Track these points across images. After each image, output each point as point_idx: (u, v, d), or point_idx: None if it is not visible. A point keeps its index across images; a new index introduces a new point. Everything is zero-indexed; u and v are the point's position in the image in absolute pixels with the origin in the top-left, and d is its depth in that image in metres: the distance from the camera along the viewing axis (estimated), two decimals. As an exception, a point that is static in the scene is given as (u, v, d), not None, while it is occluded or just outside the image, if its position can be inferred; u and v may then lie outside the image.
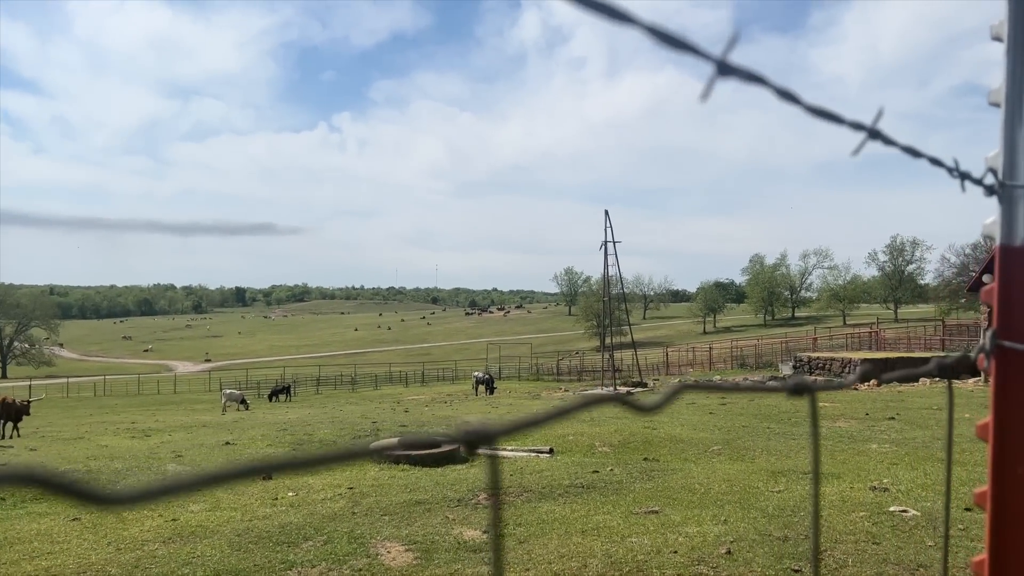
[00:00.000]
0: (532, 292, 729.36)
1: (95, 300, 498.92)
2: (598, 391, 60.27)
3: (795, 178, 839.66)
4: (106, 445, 29.67)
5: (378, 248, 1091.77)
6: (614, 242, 70.74)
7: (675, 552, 12.34)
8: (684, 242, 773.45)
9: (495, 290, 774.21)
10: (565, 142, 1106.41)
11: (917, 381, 45.01)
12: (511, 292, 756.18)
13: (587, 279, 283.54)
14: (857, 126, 3.10)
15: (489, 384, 67.80)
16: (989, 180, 3.41)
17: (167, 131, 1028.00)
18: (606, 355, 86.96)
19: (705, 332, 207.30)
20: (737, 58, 2.40)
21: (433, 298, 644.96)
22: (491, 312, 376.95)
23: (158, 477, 22.15)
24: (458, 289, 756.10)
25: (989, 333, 3.38)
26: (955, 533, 12.21)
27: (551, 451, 23.60)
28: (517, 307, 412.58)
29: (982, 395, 36.69)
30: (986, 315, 13.33)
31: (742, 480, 17.19)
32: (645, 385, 67.60)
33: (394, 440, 4.71)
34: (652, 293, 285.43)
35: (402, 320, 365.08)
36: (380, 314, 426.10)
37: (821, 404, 35.10)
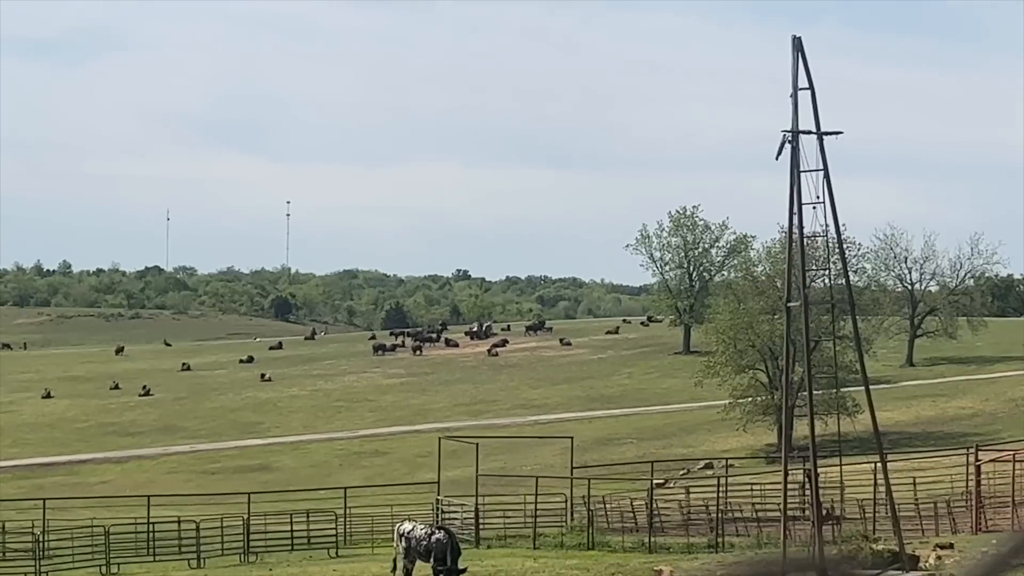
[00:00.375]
0: (566, 287, 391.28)
1: None
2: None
3: None
4: None
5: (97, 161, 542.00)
6: (820, 133, 31.83)
7: None
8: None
9: (461, 277, 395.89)
10: None
11: None
12: (506, 285, 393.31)
13: (731, 247, 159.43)
14: None
15: (439, 557, 34.93)
16: None
17: None
18: (802, 469, 48.73)
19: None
20: None
21: (279, 305, 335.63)
22: (452, 341, 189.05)
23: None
24: (354, 277, 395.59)
25: None
26: None
27: None
28: (532, 328, 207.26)
29: None
30: None
31: None
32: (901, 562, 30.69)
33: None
34: (935, 287, 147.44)
35: (183, 368, 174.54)
36: (117, 350, 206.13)
37: None
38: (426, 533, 35.87)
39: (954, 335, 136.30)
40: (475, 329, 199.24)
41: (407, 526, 36.97)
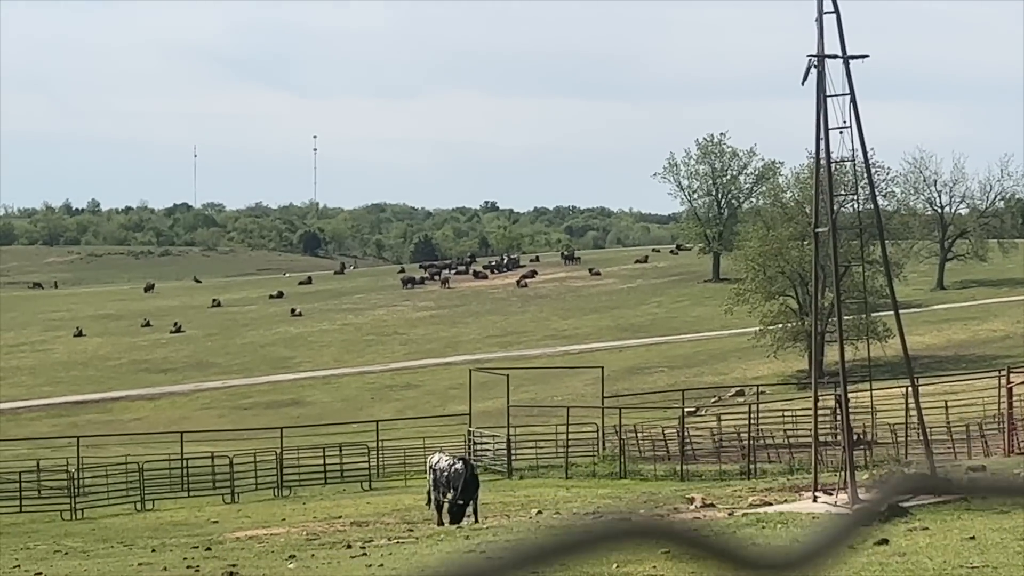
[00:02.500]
0: (594, 217, 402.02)
1: None
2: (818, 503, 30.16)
3: None
4: None
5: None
6: (845, 57, 32.22)
7: None
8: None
9: (489, 209, 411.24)
10: None
11: None
12: (534, 216, 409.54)
13: (755, 168, 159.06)
14: None
15: (463, 488, 35.24)
16: None
17: None
18: (832, 395, 46.05)
19: None
20: None
21: (308, 240, 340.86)
22: (480, 273, 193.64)
23: None
24: (382, 211, 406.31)
25: None
26: None
27: None
28: (567, 257, 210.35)
29: None
30: None
31: None
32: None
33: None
34: (965, 209, 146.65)
35: (213, 305, 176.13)
36: (147, 288, 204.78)
37: None
38: (448, 464, 35.96)
39: (984, 257, 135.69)
40: (504, 261, 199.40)
41: (435, 457, 37.13)
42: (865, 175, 34.51)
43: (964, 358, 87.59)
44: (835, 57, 30.36)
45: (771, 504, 32.53)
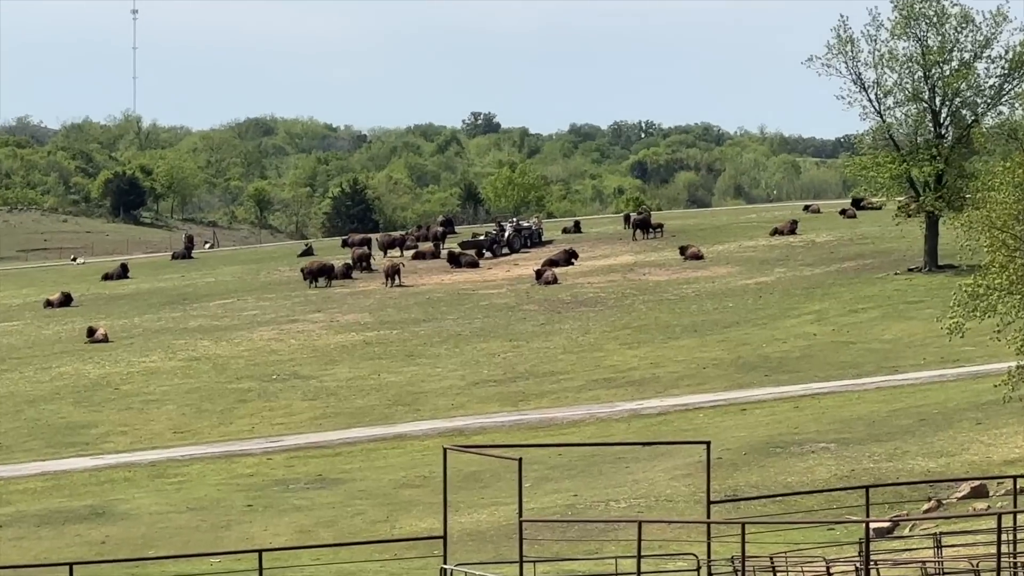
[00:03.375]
0: (689, 143, 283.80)
1: None
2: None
3: None
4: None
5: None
6: None
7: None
8: None
9: (477, 129, 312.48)
10: None
11: None
12: (570, 144, 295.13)
13: None
14: None
15: None
16: None
17: None
18: None
19: None
20: None
21: (119, 190, 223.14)
22: (462, 256, 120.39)
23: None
24: (266, 131, 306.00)
25: None
26: None
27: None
28: (638, 224, 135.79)
29: None
30: None
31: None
32: None
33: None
34: None
35: None
36: None
37: None
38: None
39: None
40: (509, 230, 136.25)
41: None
42: None
43: None
44: None
45: None
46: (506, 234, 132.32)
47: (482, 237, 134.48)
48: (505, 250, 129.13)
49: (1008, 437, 61.39)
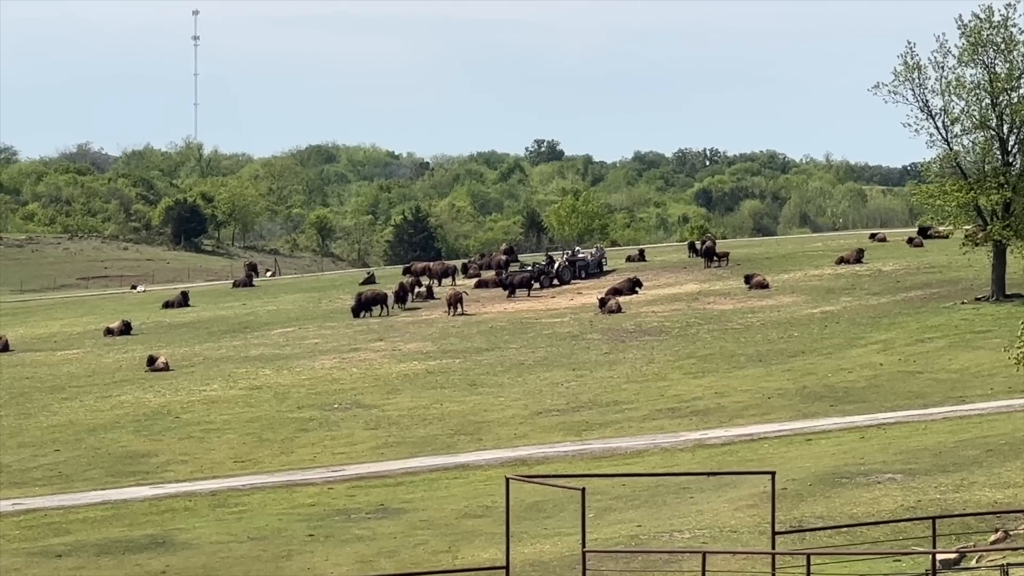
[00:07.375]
0: (754, 171, 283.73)
1: None
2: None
3: None
4: None
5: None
6: None
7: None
8: None
9: (539, 156, 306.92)
10: None
11: None
12: (634, 172, 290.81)
13: None
14: None
15: None
16: None
17: None
18: None
19: None
20: None
21: (179, 218, 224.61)
22: (519, 283, 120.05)
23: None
24: (328, 159, 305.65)
25: None
26: None
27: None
28: (703, 252, 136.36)
29: None
30: None
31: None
32: None
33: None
34: None
35: None
36: None
37: None
38: None
39: None
40: (569, 259, 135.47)
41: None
42: None
43: None
44: None
45: None
46: (556, 265, 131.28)
47: (530, 267, 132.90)
48: (555, 282, 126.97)
49: (1079, 470, 74.63)
